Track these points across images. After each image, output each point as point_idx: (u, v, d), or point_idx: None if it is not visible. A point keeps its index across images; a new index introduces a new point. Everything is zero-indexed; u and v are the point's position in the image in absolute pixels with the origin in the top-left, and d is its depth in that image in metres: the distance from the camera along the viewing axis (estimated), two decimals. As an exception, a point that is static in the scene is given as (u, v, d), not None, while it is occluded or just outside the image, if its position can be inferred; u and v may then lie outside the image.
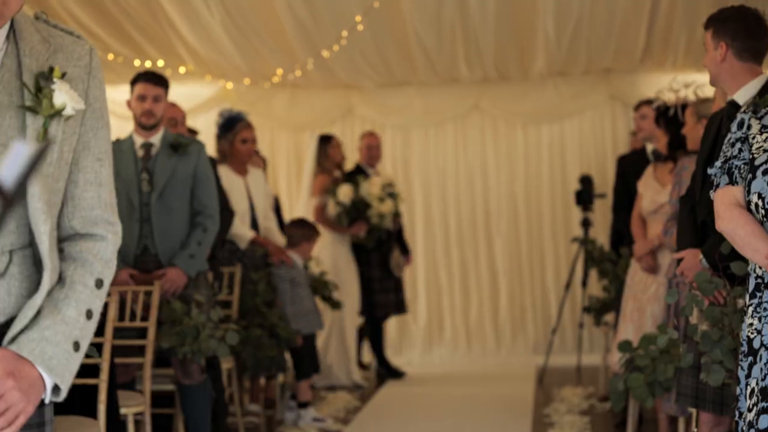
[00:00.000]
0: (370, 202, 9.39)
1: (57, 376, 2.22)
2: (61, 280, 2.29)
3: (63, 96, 2.20)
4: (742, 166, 3.42)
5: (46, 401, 2.26)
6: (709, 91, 6.64)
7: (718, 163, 3.51)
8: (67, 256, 2.31)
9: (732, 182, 3.45)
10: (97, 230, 2.34)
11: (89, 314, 2.29)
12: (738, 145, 3.45)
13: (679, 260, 4.52)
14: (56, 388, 2.24)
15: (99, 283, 2.31)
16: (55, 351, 2.21)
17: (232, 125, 7.97)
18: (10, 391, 2.14)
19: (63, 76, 2.24)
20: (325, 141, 9.72)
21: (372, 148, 10.04)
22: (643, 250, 6.54)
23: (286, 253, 7.90)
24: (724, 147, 3.52)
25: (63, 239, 2.33)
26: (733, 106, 4.31)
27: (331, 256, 9.47)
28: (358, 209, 9.39)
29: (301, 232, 8.16)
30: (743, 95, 4.30)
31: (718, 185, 3.50)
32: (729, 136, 3.51)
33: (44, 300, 2.24)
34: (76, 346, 2.26)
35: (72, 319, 2.25)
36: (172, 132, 6.82)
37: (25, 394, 2.17)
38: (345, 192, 9.40)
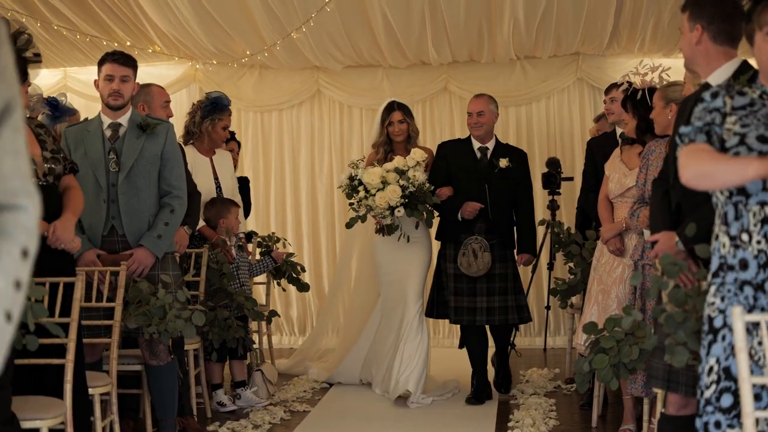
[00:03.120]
0: (361, 190, 7.77)
1: None
2: None
3: None
4: (719, 134, 3.42)
5: None
6: (675, 75, 6.68)
7: (698, 123, 3.49)
8: None
9: (710, 143, 3.45)
10: (19, 201, 2.26)
11: (17, 285, 2.20)
12: (716, 114, 3.45)
13: (653, 243, 4.53)
14: None
15: (25, 253, 2.23)
16: None
17: (221, 109, 7.97)
18: None
19: None
20: (387, 110, 8.27)
21: (471, 116, 8.11)
22: (610, 233, 6.55)
23: (227, 247, 7.80)
24: (698, 113, 3.51)
25: None
26: (707, 89, 4.32)
27: (374, 246, 8.35)
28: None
29: (213, 211, 7.82)
30: (717, 78, 4.31)
31: (692, 140, 3.47)
32: (705, 104, 3.49)
33: None
34: (8, 316, 2.17)
35: (1, 290, 2.17)
36: (164, 114, 6.87)
37: None
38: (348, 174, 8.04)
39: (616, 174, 6.66)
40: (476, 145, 8.04)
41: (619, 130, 7.52)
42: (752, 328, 3.30)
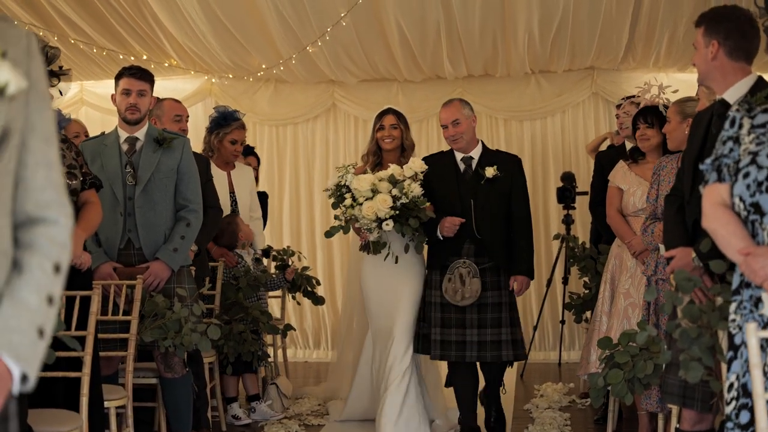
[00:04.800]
0: (348, 197, 6.81)
1: (26, 364, 2.14)
2: (18, 266, 2.21)
3: (5, 74, 2.10)
4: (732, 164, 3.45)
5: (15, 392, 2.17)
6: (688, 90, 6.67)
7: (708, 160, 3.54)
8: (23, 242, 2.24)
9: (720, 179, 3.48)
10: (50, 213, 2.27)
11: (50, 300, 2.22)
12: (729, 143, 3.48)
13: (669, 259, 4.51)
14: (23, 378, 2.16)
15: (57, 268, 2.25)
16: (21, 339, 2.14)
17: (226, 123, 7.98)
18: None
19: (3, 55, 2.12)
20: (380, 115, 7.48)
21: (446, 128, 7.07)
22: (642, 246, 6.44)
23: (228, 255, 7.77)
24: (717, 143, 3.55)
25: (17, 225, 2.25)
26: (723, 105, 4.32)
27: (360, 267, 7.42)
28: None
29: (224, 222, 7.77)
30: (733, 94, 4.31)
31: (707, 181, 3.54)
32: (722, 133, 3.54)
33: (2, 288, 2.18)
34: (41, 332, 2.19)
35: (34, 305, 2.18)
36: (176, 128, 6.90)
37: None
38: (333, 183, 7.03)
39: (639, 189, 6.61)
40: (459, 155, 7.00)
41: (629, 144, 7.48)
42: (765, 345, 3.30)
